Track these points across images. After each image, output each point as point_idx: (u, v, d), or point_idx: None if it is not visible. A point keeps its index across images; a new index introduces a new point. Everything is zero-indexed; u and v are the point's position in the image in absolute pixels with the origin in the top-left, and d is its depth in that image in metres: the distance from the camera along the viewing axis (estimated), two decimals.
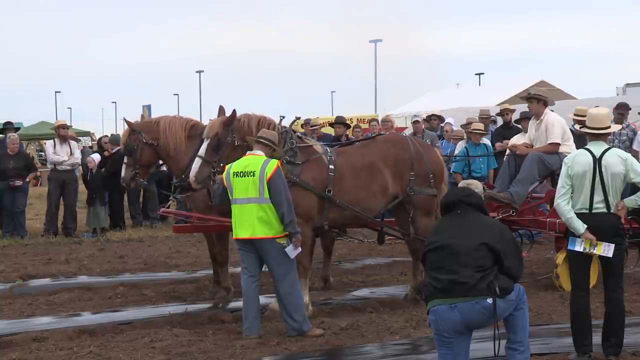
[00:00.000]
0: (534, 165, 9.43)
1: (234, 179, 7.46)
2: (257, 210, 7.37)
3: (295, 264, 7.61)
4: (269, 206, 7.36)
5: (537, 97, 9.78)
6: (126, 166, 9.35)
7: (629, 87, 26.61)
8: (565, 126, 9.75)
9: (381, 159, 8.69)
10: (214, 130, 8.12)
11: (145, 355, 6.92)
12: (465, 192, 5.92)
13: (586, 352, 6.45)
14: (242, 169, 7.46)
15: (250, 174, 7.40)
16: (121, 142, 10.20)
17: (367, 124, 19.14)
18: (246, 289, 7.55)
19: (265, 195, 7.35)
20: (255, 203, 7.37)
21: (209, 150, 8.09)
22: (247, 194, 7.39)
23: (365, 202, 8.57)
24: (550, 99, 10.24)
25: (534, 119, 9.85)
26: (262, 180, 7.34)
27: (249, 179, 7.39)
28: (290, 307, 7.48)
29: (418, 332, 7.53)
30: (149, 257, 12.59)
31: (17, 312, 8.87)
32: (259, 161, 7.46)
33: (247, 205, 7.40)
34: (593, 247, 6.41)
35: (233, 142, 8.14)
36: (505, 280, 5.55)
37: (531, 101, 9.81)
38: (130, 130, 9.33)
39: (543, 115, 9.65)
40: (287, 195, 7.44)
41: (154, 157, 9.45)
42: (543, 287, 9.28)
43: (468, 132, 13.00)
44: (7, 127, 16.36)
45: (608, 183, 6.41)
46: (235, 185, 7.45)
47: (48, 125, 25.45)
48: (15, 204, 14.81)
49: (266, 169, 7.37)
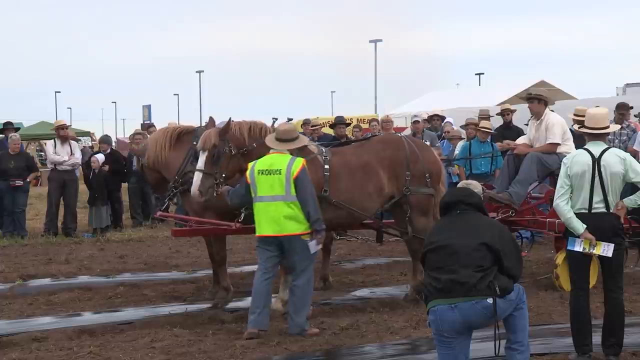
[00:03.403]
0: (533, 166, 9.44)
1: (258, 177, 7.50)
2: (284, 208, 7.42)
3: (314, 260, 7.72)
4: (295, 204, 7.44)
5: (538, 97, 9.77)
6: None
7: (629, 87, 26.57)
8: (565, 126, 9.75)
9: (376, 159, 8.72)
10: (210, 141, 8.14)
11: (145, 355, 6.93)
12: (464, 192, 5.93)
13: (586, 352, 6.45)
14: (268, 166, 7.51)
15: (276, 171, 7.46)
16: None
17: (367, 124, 19.15)
18: (258, 284, 7.58)
19: (292, 193, 7.42)
20: (282, 201, 7.43)
21: (208, 162, 8.12)
22: (272, 192, 7.44)
23: (360, 202, 8.59)
24: (551, 99, 10.23)
25: (534, 119, 9.84)
26: (289, 178, 7.42)
27: (275, 177, 7.44)
28: (299, 302, 7.52)
29: (418, 332, 7.53)
30: (149, 257, 12.59)
31: (17, 312, 8.87)
32: (284, 159, 7.52)
33: (272, 202, 7.45)
34: (592, 247, 6.42)
35: (230, 151, 8.20)
36: (505, 280, 5.55)
37: (532, 101, 9.80)
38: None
39: (544, 115, 9.65)
40: (312, 193, 7.55)
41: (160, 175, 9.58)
42: (543, 287, 9.28)
43: (474, 129, 12.94)
44: (7, 127, 16.36)
45: (607, 183, 6.41)
46: (260, 182, 7.49)
47: (48, 125, 25.45)
48: (15, 204, 14.81)
49: (292, 168, 7.44)
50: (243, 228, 8.85)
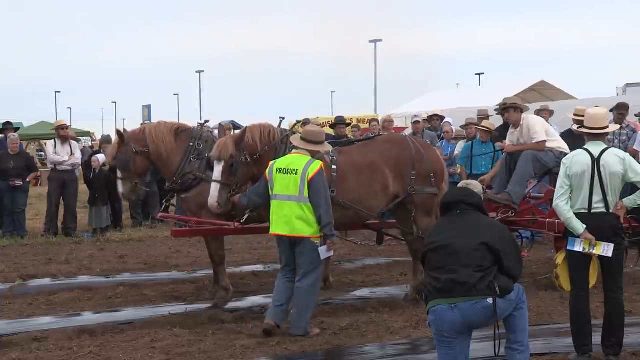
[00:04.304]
0: (529, 164, 9.46)
1: (276, 175, 7.51)
2: (296, 209, 7.42)
3: (322, 265, 7.71)
4: (308, 206, 7.42)
5: (514, 106, 9.78)
6: (122, 181, 9.34)
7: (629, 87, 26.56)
8: (545, 124, 9.90)
9: (382, 158, 8.72)
10: (228, 152, 8.09)
11: (145, 355, 6.93)
12: (464, 192, 5.93)
13: (586, 352, 6.45)
14: (286, 165, 7.52)
15: (293, 171, 7.46)
16: (110, 156, 9.98)
17: (367, 124, 19.15)
18: (280, 284, 7.63)
19: (305, 194, 7.41)
20: (295, 201, 7.43)
21: (225, 172, 8.08)
22: (287, 191, 7.44)
23: (367, 202, 8.59)
24: (525, 106, 10.28)
25: (512, 128, 9.87)
26: (304, 180, 7.40)
27: (291, 177, 7.44)
28: (303, 305, 7.53)
29: (418, 332, 7.54)
30: (149, 257, 12.59)
31: (17, 312, 8.87)
32: (302, 160, 7.52)
33: (287, 202, 7.45)
34: (592, 247, 6.42)
35: (246, 160, 8.17)
36: (505, 280, 5.55)
37: (508, 111, 9.81)
38: (119, 143, 9.33)
39: (522, 120, 9.68)
40: (326, 197, 7.51)
41: (147, 164, 9.46)
42: (543, 287, 9.28)
43: (475, 129, 12.94)
44: (7, 127, 16.36)
45: (607, 183, 6.41)
46: (277, 181, 7.50)
47: (48, 125, 25.47)
48: (15, 203, 14.81)
49: (309, 169, 7.43)
50: (242, 228, 8.86)
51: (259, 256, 12.51)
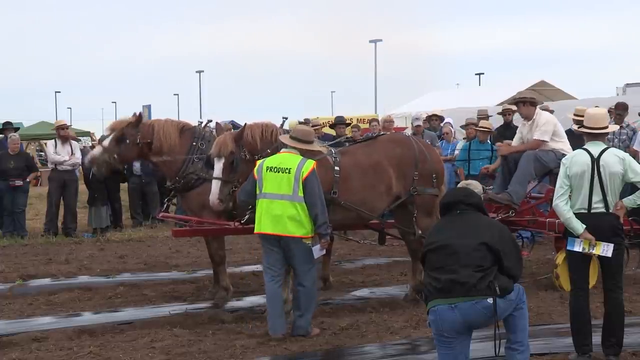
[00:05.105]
0: (530, 164, 9.45)
1: (266, 173, 7.41)
2: (289, 208, 7.33)
3: (316, 264, 7.67)
4: (301, 205, 7.34)
5: (524, 100, 9.78)
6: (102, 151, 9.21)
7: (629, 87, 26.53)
8: (558, 125, 9.77)
9: (386, 158, 8.68)
10: (228, 148, 8.07)
11: (145, 355, 6.93)
12: (464, 193, 5.93)
13: (586, 352, 6.45)
14: (277, 164, 7.43)
15: (285, 170, 7.37)
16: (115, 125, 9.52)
17: (367, 124, 19.15)
18: (270, 288, 7.52)
19: (299, 194, 7.34)
20: (288, 200, 7.34)
21: (225, 169, 8.06)
22: (279, 190, 7.35)
23: (371, 202, 8.56)
24: (539, 100, 10.24)
25: (525, 121, 9.86)
26: (298, 179, 7.32)
27: (284, 176, 7.35)
28: (303, 305, 7.50)
29: (418, 332, 7.54)
30: (149, 257, 12.60)
31: (17, 312, 8.87)
32: (295, 159, 7.44)
33: (278, 201, 7.35)
34: (592, 247, 6.42)
35: (245, 157, 8.16)
36: (505, 280, 5.55)
37: (519, 105, 9.82)
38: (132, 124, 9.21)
39: (535, 115, 9.66)
40: (321, 196, 7.45)
41: (136, 156, 9.50)
42: (543, 287, 9.28)
43: (474, 129, 12.94)
44: (7, 127, 16.36)
45: (606, 183, 6.41)
46: (267, 179, 7.40)
47: (48, 125, 25.46)
48: (15, 204, 14.81)
49: (303, 169, 7.36)
50: (243, 228, 8.85)
51: (259, 256, 12.43)
